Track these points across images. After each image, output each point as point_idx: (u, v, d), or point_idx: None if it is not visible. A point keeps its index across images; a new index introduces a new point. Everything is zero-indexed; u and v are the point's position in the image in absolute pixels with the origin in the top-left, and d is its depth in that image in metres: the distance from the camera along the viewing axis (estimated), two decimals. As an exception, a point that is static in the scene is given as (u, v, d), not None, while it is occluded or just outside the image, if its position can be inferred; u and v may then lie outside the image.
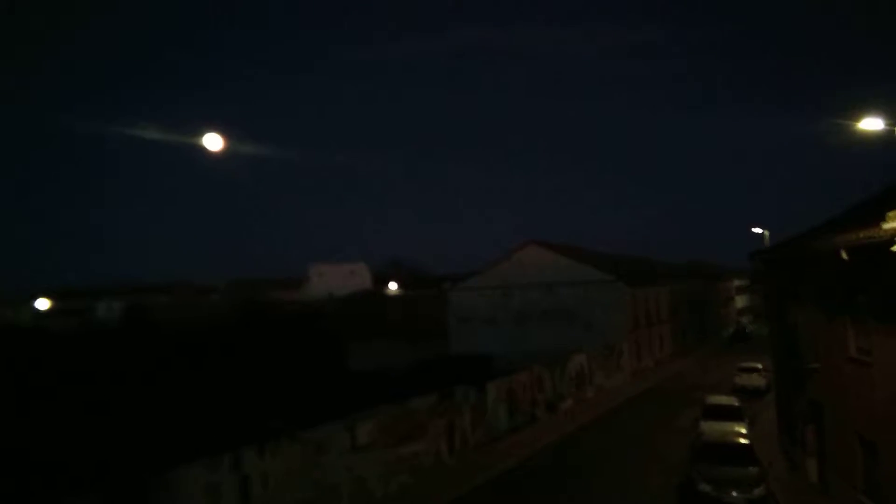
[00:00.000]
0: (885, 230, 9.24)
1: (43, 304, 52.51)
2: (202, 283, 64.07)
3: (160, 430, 16.58)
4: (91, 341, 25.92)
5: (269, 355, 24.71)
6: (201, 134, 10.29)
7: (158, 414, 18.08)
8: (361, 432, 15.05)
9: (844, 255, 10.91)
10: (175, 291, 57.37)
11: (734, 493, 13.89)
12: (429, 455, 17.47)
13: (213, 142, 10.27)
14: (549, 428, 22.94)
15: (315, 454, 13.76)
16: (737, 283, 70.85)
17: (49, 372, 20.02)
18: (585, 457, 19.16)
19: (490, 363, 28.70)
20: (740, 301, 73.34)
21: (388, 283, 68.00)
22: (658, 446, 20.01)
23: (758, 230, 29.57)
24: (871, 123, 12.62)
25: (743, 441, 16.28)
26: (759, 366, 30.11)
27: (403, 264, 74.14)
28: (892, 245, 8.83)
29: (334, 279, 61.40)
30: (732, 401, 21.92)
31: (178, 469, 11.07)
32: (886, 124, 12.33)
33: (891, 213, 9.35)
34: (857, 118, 12.63)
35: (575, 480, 16.83)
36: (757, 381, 29.22)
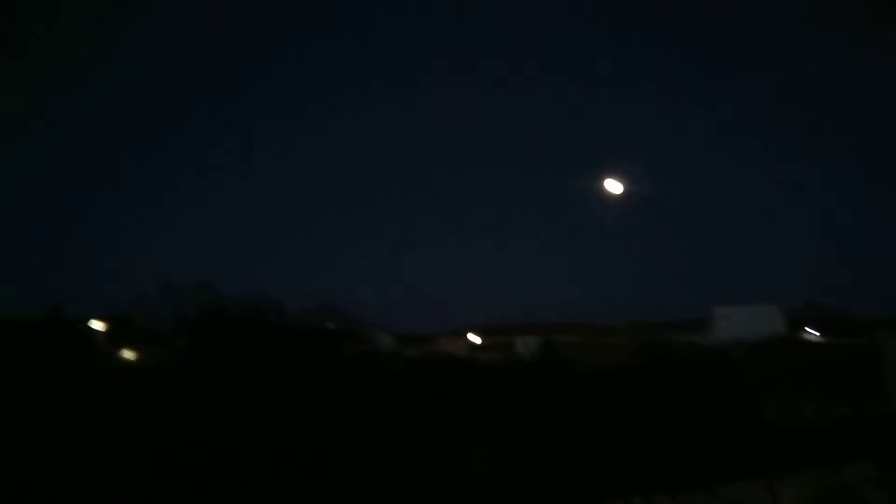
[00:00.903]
0: None
1: (475, 338, 61.45)
2: (603, 323, 66.86)
3: (571, 463, 17.93)
4: (514, 374, 29.44)
5: (672, 399, 24.57)
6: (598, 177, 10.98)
7: (569, 447, 19.53)
8: (785, 495, 14.06)
9: None
10: (580, 330, 61.07)
11: None
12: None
13: (613, 186, 10.98)
14: None
15: (734, 511, 13.35)
16: None
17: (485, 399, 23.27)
18: None
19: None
20: None
21: (803, 327, 61.09)
22: None
23: None
24: None
25: None
26: None
27: (823, 306, 65.78)
28: None
29: (740, 323, 57.48)
30: None
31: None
32: None
33: None
34: None
35: None
36: None
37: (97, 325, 31.11)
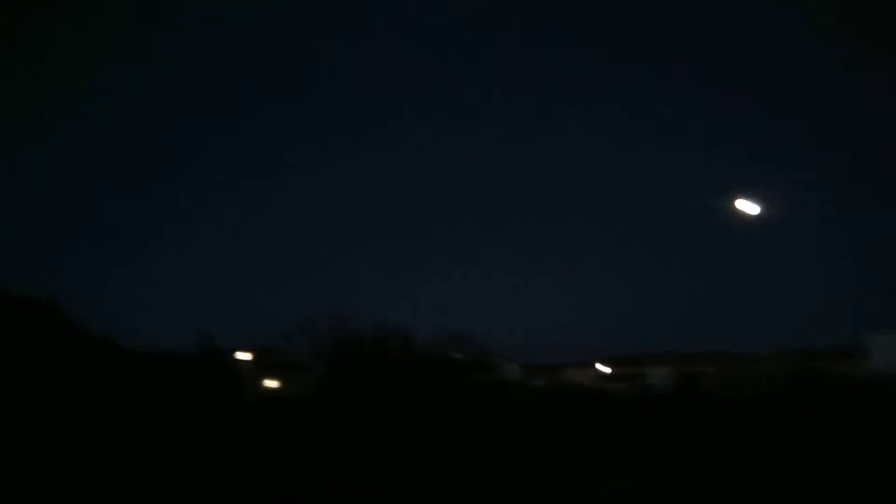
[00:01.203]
0: None
1: (604, 368, 59.95)
2: (745, 353, 62.77)
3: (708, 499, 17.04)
4: (647, 406, 28.40)
5: (825, 435, 22.81)
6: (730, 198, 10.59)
7: (708, 482, 18.58)
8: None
9: None
10: (719, 360, 57.66)
11: None
12: None
13: (749, 207, 10.50)
14: None
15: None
16: None
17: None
18: None
19: None
20: None
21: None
22: None
23: None
24: None
25: None
26: None
27: None
28: None
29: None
30: None
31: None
32: None
33: None
34: None
35: None
36: None
37: (243, 355, 33.43)
